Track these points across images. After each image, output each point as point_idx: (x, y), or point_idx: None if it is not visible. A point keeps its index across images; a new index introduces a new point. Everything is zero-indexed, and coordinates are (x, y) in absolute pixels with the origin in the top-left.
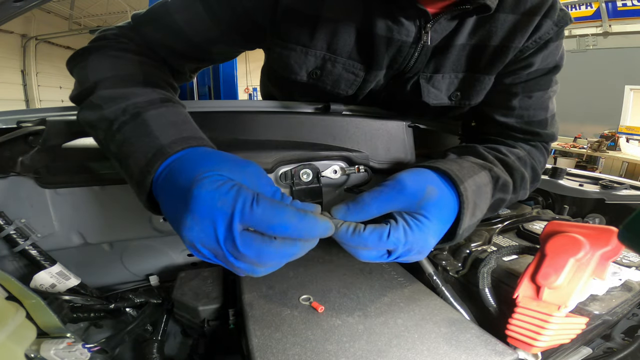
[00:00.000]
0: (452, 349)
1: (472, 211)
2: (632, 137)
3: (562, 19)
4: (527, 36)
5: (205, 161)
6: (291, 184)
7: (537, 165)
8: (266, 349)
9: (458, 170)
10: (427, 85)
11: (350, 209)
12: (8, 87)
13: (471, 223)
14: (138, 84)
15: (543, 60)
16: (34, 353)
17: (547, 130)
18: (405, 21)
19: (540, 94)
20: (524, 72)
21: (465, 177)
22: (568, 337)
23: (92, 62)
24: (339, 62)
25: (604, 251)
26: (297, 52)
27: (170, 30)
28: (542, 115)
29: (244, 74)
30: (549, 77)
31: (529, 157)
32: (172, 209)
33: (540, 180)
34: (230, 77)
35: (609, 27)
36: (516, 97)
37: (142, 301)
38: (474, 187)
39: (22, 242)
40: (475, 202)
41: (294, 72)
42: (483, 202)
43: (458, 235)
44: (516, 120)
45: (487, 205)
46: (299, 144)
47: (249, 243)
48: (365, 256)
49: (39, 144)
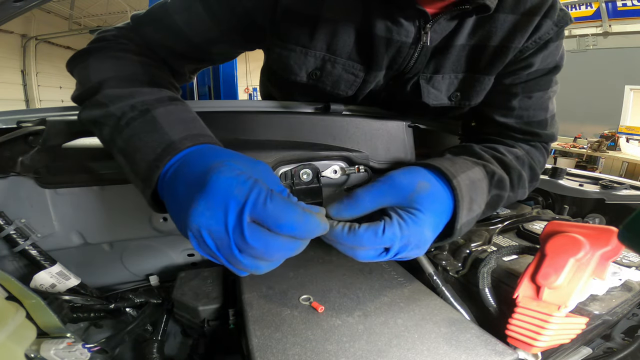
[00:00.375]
0: (452, 349)
1: (468, 205)
2: (632, 137)
3: (562, 19)
4: (527, 36)
5: (220, 154)
6: (291, 184)
7: (536, 165)
8: (266, 349)
9: (450, 165)
10: (427, 86)
11: (344, 204)
12: (8, 87)
13: (469, 218)
14: (143, 83)
15: (543, 60)
16: (34, 353)
17: (547, 130)
18: (404, 22)
19: (540, 95)
20: (523, 72)
21: (458, 172)
22: (568, 337)
23: (94, 63)
24: (338, 62)
25: (604, 251)
26: (297, 53)
27: (170, 30)
28: (542, 115)
29: (244, 74)
30: (548, 77)
31: (527, 157)
32: (183, 196)
33: (539, 180)
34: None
35: (609, 27)
36: (516, 98)
37: (142, 301)
38: (468, 181)
39: (22, 242)
40: (471, 197)
41: (293, 73)
42: (479, 197)
43: (456, 231)
44: (516, 120)
45: (484, 201)
46: (299, 144)
47: (257, 235)
48: (363, 256)
49: (39, 144)
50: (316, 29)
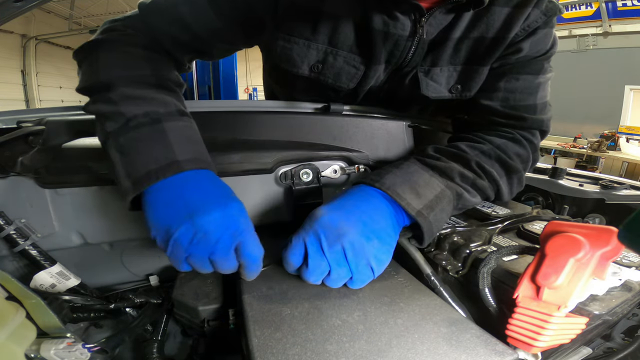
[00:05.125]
0: (452, 349)
1: (410, 191)
2: (632, 137)
3: (550, 9)
4: (519, 26)
5: (207, 190)
6: (291, 184)
7: (509, 158)
8: (266, 349)
9: (375, 175)
10: (426, 79)
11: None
12: (8, 87)
13: (421, 202)
14: (151, 86)
15: (532, 46)
16: (34, 353)
17: (536, 115)
18: (400, 16)
19: (529, 77)
20: (512, 57)
21: (378, 178)
22: (568, 337)
23: (103, 58)
24: (340, 55)
25: (604, 251)
26: (300, 46)
27: (175, 20)
28: (531, 100)
29: (244, 74)
30: (539, 61)
31: (496, 151)
32: (170, 212)
33: (521, 173)
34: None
35: (609, 27)
36: (502, 79)
37: (142, 301)
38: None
39: (22, 242)
40: (412, 186)
41: (295, 66)
42: (421, 186)
43: (419, 217)
44: (500, 103)
45: (425, 182)
46: (299, 144)
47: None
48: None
49: (39, 144)
50: (318, 22)
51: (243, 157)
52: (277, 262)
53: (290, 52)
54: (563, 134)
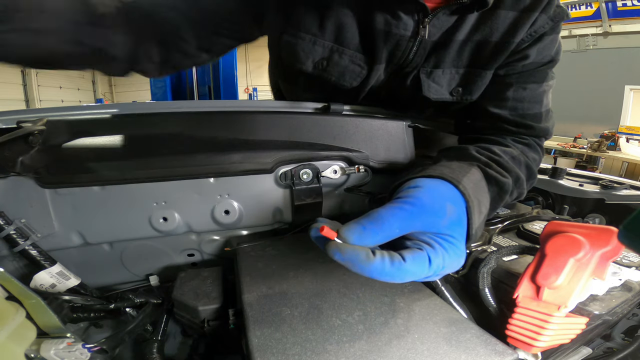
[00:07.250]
0: (452, 349)
1: (478, 208)
2: (632, 137)
3: (558, 15)
4: (525, 31)
5: None
6: (291, 184)
7: (532, 163)
8: (266, 349)
9: (450, 172)
10: (428, 80)
11: (368, 230)
12: (8, 87)
13: (480, 221)
14: None
15: (538, 53)
16: (34, 353)
17: (542, 124)
18: (403, 15)
19: (534, 87)
20: (519, 63)
21: (460, 177)
22: (568, 337)
23: None
24: (346, 53)
25: (604, 251)
26: (306, 41)
27: None
28: (537, 108)
29: (244, 74)
30: (544, 70)
31: (523, 156)
32: None
33: (536, 179)
34: (230, 77)
35: (609, 27)
36: (510, 88)
37: (142, 301)
38: (471, 184)
39: (22, 242)
40: (478, 199)
41: (300, 61)
42: (484, 197)
43: (472, 236)
44: (510, 112)
45: (488, 200)
46: (299, 144)
47: None
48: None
49: (39, 144)
50: (325, 19)
51: (243, 157)
52: None
53: (296, 47)
54: (563, 134)
